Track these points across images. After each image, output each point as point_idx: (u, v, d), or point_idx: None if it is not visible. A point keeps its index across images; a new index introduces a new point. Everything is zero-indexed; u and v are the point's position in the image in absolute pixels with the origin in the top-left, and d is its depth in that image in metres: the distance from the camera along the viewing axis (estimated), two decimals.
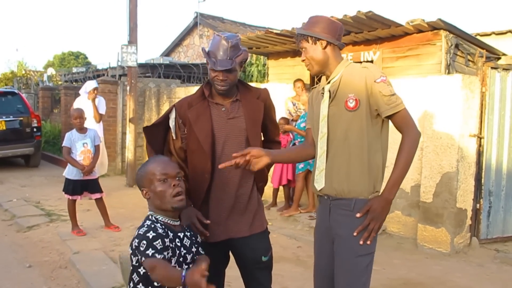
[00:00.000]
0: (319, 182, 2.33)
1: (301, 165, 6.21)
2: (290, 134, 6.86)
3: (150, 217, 2.09)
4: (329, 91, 2.31)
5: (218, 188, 2.46)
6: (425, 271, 4.60)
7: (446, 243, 5.12)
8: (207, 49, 2.40)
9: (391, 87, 2.22)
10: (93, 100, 7.78)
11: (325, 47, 2.30)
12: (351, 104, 2.24)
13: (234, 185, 2.47)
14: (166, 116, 2.52)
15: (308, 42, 2.31)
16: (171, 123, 2.50)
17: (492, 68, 5.45)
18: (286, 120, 6.64)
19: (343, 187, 2.26)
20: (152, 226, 2.00)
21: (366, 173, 2.25)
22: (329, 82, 2.34)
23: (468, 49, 6.38)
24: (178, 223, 2.13)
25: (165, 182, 2.05)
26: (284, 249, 5.27)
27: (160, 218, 2.07)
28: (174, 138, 2.50)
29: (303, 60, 2.36)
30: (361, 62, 2.40)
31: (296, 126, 6.38)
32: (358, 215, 2.22)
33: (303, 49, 2.34)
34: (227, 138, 2.44)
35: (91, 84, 8.02)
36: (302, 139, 6.23)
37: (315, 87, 2.49)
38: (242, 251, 2.51)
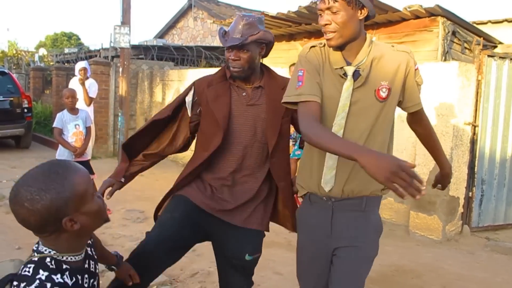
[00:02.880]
0: (329, 183, 1.93)
1: (297, 152, 6.14)
2: None
3: (46, 264, 1.38)
4: (358, 75, 1.87)
5: (216, 169, 2.31)
6: (417, 258, 4.61)
7: (438, 230, 5.13)
8: (225, 30, 2.28)
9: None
10: (83, 83, 7.61)
11: (364, 17, 1.84)
12: (384, 93, 1.87)
13: (250, 174, 2.31)
14: (183, 97, 2.39)
15: (346, 3, 1.78)
16: (188, 98, 2.36)
17: (489, 56, 5.42)
18: None
19: (352, 187, 1.93)
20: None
21: None
22: (351, 64, 1.88)
23: (465, 37, 6.33)
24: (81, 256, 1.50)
25: (94, 196, 1.47)
26: (276, 234, 5.25)
27: (68, 259, 1.43)
28: (189, 115, 2.37)
29: (326, 25, 1.82)
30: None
31: None
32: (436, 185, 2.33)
33: (335, 10, 1.79)
34: (244, 125, 2.27)
35: (79, 65, 7.86)
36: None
37: (314, 46, 1.97)
38: (226, 240, 2.29)
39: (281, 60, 7.64)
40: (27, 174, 1.37)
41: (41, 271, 1.33)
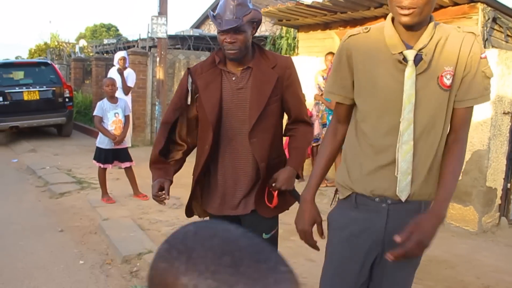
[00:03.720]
0: (405, 190, 1.70)
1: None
2: (320, 106, 6.82)
3: None
4: (420, 59, 1.64)
5: (226, 162, 2.35)
6: (451, 249, 4.56)
7: (474, 222, 5.05)
8: (214, 13, 2.23)
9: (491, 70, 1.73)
10: (122, 72, 7.83)
11: None
12: (448, 81, 1.64)
13: (244, 161, 2.33)
14: (185, 84, 2.42)
15: None
16: (189, 86, 2.38)
17: None
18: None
19: (416, 189, 1.72)
20: None
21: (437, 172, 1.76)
22: (412, 47, 1.65)
23: (507, 23, 6.14)
24: None
25: None
26: None
27: None
28: (189, 103, 2.39)
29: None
30: None
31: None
32: (398, 239, 1.58)
33: None
34: (234, 111, 2.29)
35: (118, 54, 8.10)
36: (330, 110, 6.17)
37: (353, 35, 1.75)
38: (244, 226, 2.31)
39: (316, 49, 7.62)
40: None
41: None
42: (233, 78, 2.29)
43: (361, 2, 6.20)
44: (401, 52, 1.64)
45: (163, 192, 2.38)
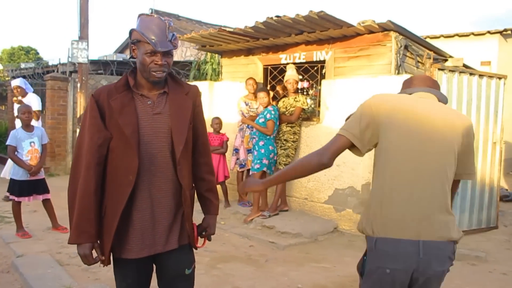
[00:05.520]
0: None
1: (256, 165, 6.18)
2: (244, 132, 6.86)
3: None
4: None
5: (143, 193, 2.15)
6: None
7: None
8: (138, 30, 2.09)
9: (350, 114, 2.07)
10: (20, 101, 7.45)
11: None
12: None
13: (165, 191, 2.19)
14: (96, 110, 2.15)
15: None
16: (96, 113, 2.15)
17: (439, 69, 5.63)
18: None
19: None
20: None
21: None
22: None
23: (417, 51, 6.54)
24: None
25: None
26: (236, 248, 5.26)
27: None
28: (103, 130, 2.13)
29: None
30: (314, 62, 2.10)
31: (255, 122, 6.34)
32: None
33: None
34: (153, 136, 2.15)
35: (13, 83, 7.75)
36: (260, 135, 6.20)
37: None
38: (165, 263, 2.26)
39: (240, 74, 7.69)
40: None
41: None
42: (149, 102, 2.17)
43: (282, 29, 6.35)
44: None
45: (97, 256, 2.17)
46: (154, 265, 2.33)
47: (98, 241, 2.19)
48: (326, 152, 2.00)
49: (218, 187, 6.73)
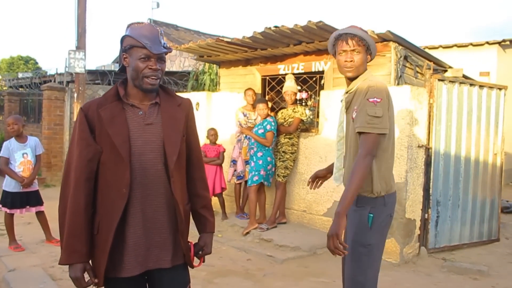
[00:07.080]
0: (337, 180, 2.70)
1: (255, 178, 6.08)
2: (242, 143, 6.77)
3: None
4: (345, 101, 2.57)
5: (136, 208, 2.05)
6: None
7: (396, 253, 5.14)
8: (131, 35, 2.03)
9: (379, 109, 2.34)
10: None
11: (369, 60, 2.56)
12: (354, 115, 2.43)
13: (157, 205, 2.09)
14: (85, 123, 2.06)
15: (364, 48, 2.48)
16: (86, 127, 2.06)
17: (439, 80, 5.56)
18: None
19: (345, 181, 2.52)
20: None
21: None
22: (346, 93, 2.57)
23: (416, 61, 6.48)
24: None
25: None
26: (233, 262, 5.15)
27: None
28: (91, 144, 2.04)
29: (349, 61, 2.46)
30: (313, 72, 2.48)
31: (254, 132, 6.25)
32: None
33: (356, 52, 2.46)
34: (143, 148, 2.06)
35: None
36: (259, 145, 6.11)
37: None
38: (158, 283, 2.16)
39: (238, 85, 7.62)
40: None
41: None
42: (140, 113, 2.09)
43: (280, 39, 6.30)
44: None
45: (90, 279, 2.05)
46: (147, 285, 2.22)
47: (91, 262, 2.08)
48: (371, 154, 2.35)
49: (215, 199, 6.64)
